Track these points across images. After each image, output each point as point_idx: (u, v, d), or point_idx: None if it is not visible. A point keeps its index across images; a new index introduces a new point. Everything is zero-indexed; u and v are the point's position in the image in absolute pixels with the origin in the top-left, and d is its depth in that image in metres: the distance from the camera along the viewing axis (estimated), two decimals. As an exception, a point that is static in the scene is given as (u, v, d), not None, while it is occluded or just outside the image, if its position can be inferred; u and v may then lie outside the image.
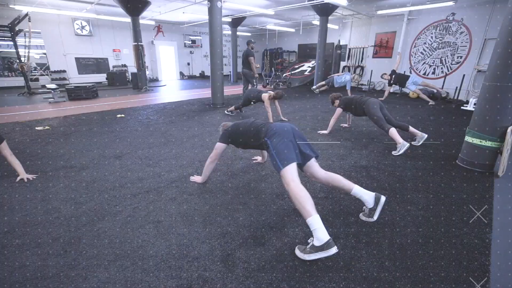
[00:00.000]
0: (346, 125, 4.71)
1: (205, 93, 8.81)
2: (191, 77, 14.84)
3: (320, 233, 1.49)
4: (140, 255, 1.57)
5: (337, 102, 4.10)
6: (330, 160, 3.11)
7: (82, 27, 11.15)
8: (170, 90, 9.90)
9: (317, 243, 1.49)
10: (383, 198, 1.89)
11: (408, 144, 3.24)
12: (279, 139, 1.78)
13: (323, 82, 8.74)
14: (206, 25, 13.78)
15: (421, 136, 3.59)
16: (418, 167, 2.93)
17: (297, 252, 1.58)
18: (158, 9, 9.71)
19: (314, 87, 8.99)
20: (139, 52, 9.13)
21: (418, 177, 2.68)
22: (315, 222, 1.51)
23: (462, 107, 6.50)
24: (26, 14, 7.37)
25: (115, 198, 2.23)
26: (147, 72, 13.56)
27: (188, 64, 14.89)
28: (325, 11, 8.20)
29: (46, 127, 4.37)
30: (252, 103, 5.10)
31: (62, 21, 10.19)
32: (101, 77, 11.64)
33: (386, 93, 7.54)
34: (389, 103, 7.02)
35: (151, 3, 8.59)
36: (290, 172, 1.65)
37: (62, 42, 10.57)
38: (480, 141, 2.72)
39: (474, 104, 6.35)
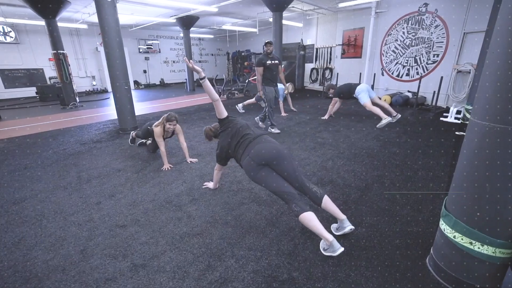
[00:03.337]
0: (209, 184, 2.60)
1: (154, 106, 7.39)
2: (148, 86, 13.24)
3: None
4: None
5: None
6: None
7: (5, 34, 9.50)
8: (109, 105, 8.24)
9: None
10: None
11: (342, 248, 1.63)
12: None
13: (253, 100, 6.03)
14: (162, 28, 12.01)
15: (339, 225, 1.88)
16: None
17: None
18: (86, 10, 8.19)
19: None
20: (60, 62, 7.57)
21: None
22: None
23: (441, 118, 5.24)
24: None
25: None
26: (93, 83, 11.95)
27: (145, 71, 13.32)
28: (278, 5, 6.86)
29: None
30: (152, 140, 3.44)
31: (-25, 27, 8.54)
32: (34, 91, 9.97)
33: (330, 109, 5.37)
34: (354, 114, 5.71)
35: (71, 3, 7.11)
36: None
37: (-21, 51, 8.94)
38: (471, 243, 1.29)
39: (457, 113, 5.11)
